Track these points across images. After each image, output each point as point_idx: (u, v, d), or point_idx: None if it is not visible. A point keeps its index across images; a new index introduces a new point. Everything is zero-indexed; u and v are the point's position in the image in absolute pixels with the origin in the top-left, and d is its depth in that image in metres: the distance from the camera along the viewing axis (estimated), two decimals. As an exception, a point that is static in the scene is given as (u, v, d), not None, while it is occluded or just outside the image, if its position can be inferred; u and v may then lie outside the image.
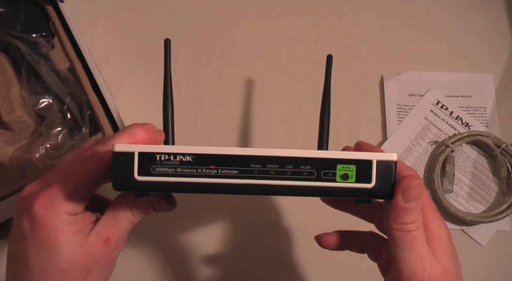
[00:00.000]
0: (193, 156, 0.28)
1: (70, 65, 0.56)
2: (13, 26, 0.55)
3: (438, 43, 0.63)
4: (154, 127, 0.34)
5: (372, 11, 0.64)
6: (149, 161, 0.28)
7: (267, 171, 0.28)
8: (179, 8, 0.64)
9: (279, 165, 0.28)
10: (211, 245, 0.54)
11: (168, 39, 0.39)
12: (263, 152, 0.28)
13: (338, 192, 0.29)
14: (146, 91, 0.60)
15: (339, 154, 0.29)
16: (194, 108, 0.59)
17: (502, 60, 0.62)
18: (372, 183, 0.29)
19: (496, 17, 0.64)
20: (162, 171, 0.28)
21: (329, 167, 0.29)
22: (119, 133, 0.32)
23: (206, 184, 0.28)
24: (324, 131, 0.39)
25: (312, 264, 0.54)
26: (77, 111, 0.53)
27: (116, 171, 0.28)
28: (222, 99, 0.60)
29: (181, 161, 0.28)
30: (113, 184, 0.28)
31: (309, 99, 0.60)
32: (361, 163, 0.29)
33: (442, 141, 0.57)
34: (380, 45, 0.63)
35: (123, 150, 0.28)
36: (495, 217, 0.54)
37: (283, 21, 0.64)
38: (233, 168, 0.28)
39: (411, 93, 0.60)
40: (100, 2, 0.64)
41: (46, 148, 0.52)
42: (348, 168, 0.29)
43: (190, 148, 0.28)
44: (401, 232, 0.30)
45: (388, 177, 0.29)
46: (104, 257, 0.31)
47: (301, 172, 0.28)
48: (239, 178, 0.28)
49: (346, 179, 0.29)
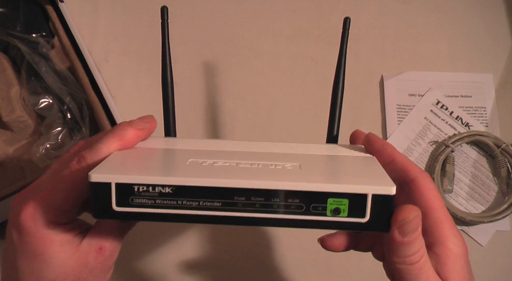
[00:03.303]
0: (172, 188, 0.26)
1: (70, 65, 0.56)
2: (13, 26, 0.55)
3: (438, 43, 0.63)
4: (143, 123, 0.32)
5: (372, 11, 0.64)
6: (126, 192, 0.26)
7: (252, 204, 0.26)
8: (179, 8, 0.64)
9: (265, 198, 0.26)
10: (212, 246, 0.54)
11: (165, 6, 0.37)
12: (247, 184, 0.26)
13: (328, 225, 0.27)
14: (146, 91, 0.60)
15: (330, 187, 0.26)
16: (194, 109, 0.59)
17: (502, 60, 0.62)
18: (366, 218, 0.26)
19: (496, 17, 0.64)
20: (141, 202, 0.26)
21: (319, 200, 0.26)
22: (106, 136, 0.30)
23: (188, 215, 0.26)
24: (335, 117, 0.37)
25: (312, 264, 0.54)
26: (77, 111, 0.53)
27: (94, 201, 0.26)
28: (222, 100, 0.60)
29: (160, 192, 0.26)
30: (93, 214, 0.27)
31: (309, 99, 0.60)
32: (354, 197, 0.26)
33: (442, 141, 0.57)
34: (380, 45, 0.63)
35: (100, 181, 0.26)
36: (495, 217, 0.54)
37: (283, 21, 0.64)
38: (215, 200, 0.26)
39: (411, 93, 0.60)
40: (100, 2, 0.64)
41: (46, 148, 0.52)
42: (340, 202, 0.26)
43: (169, 179, 0.26)
44: (404, 265, 0.29)
45: (384, 212, 0.26)
46: (98, 266, 0.30)
47: (289, 205, 0.26)
48: (222, 210, 0.26)
49: (337, 213, 0.26)
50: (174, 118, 0.38)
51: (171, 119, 0.38)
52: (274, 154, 0.32)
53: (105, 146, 0.30)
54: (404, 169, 0.31)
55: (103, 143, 0.30)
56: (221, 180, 0.26)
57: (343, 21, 0.39)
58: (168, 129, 0.38)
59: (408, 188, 0.31)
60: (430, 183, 0.31)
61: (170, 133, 0.39)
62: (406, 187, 0.31)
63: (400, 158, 0.32)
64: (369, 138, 0.34)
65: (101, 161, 0.29)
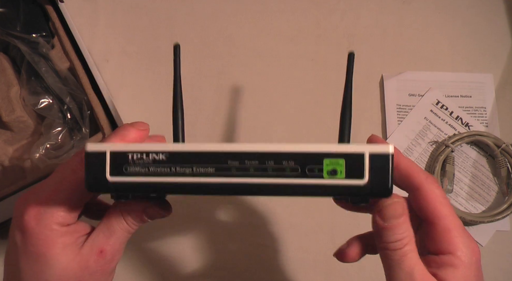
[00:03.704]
0: (166, 154, 0.26)
1: (70, 65, 0.56)
2: (13, 26, 0.55)
3: (438, 43, 0.63)
4: (146, 125, 0.32)
5: (372, 11, 0.64)
6: (121, 160, 0.26)
7: (245, 168, 0.26)
8: (179, 8, 0.64)
9: (259, 160, 0.25)
10: (212, 246, 0.54)
11: (177, 44, 0.37)
12: (240, 148, 0.26)
13: (326, 190, 0.26)
14: (146, 91, 0.60)
15: (326, 146, 0.25)
16: (194, 109, 0.59)
17: (502, 60, 0.62)
18: (365, 179, 0.26)
19: (496, 17, 0.64)
20: (135, 171, 0.26)
21: (315, 161, 0.25)
22: (109, 137, 0.31)
23: (182, 183, 0.26)
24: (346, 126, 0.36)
25: (312, 264, 0.54)
26: (77, 111, 0.53)
27: (89, 171, 0.26)
28: (222, 100, 0.60)
29: (154, 160, 0.26)
30: (85, 185, 0.27)
31: (310, 100, 0.60)
32: (351, 157, 0.25)
33: (442, 141, 0.57)
34: (380, 45, 0.63)
35: (95, 149, 0.26)
36: (495, 217, 0.54)
37: (283, 21, 0.64)
38: (209, 165, 0.26)
39: (411, 93, 0.60)
40: (100, 2, 0.64)
41: (46, 148, 0.52)
42: (336, 162, 0.25)
43: (163, 145, 0.26)
44: (388, 250, 0.29)
45: (384, 172, 0.26)
46: (100, 270, 0.30)
47: (283, 168, 0.26)
48: (216, 176, 0.26)
49: (334, 174, 0.25)
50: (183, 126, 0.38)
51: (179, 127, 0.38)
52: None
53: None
54: (409, 175, 0.30)
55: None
56: (214, 144, 0.26)
57: (348, 56, 0.38)
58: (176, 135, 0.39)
59: (413, 195, 0.30)
60: (437, 189, 0.30)
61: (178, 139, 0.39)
62: (412, 195, 0.31)
63: (404, 163, 0.31)
64: (373, 139, 0.33)
65: None
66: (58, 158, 0.52)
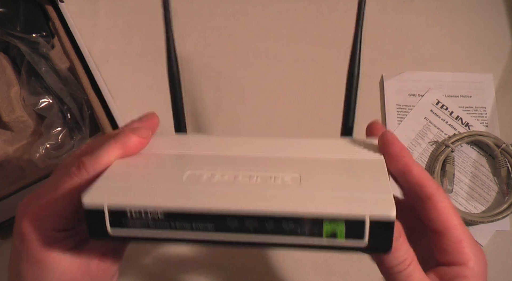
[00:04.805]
0: (164, 214, 0.26)
1: (70, 65, 0.56)
2: (13, 26, 0.55)
3: (438, 43, 0.63)
4: (148, 132, 0.32)
5: (372, 11, 0.64)
6: (120, 215, 0.26)
7: (245, 227, 0.26)
8: (179, 8, 0.64)
9: (258, 222, 0.25)
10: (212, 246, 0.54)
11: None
12: (238, 211, 0.25)
13: (325, 248, 0.26)
14: (146, 91, 0.60)
15: (325, 211, 0.25)
16: (194, 109, 0.59)
17: (502, 60, 0.62)
18: (365, 240, 0.25)
19: (496, 17, 0.64)
20: (134, 225, 0.26)
21: (314, 224, 0.25)
22: (109, 143, 0.30)
23: (181, 238, 0.26)
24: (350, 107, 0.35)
25: (312, 264, 0.54)
26: (77, 111, 0.53)
27: (89, 222, 0.26)
28: (222, 100, 0.60)
29: (153, 217, 0.26)
30: (88, 232, 0.27)
31: (310, 100, 0.60)
32: (351, 221, 0.25)
33: (442, 141, 0.57)
34: (380, 45, 0.63)
35: (93, 204, 0.26)
36: (495, 217, 0.54)
37: (283, 21, 0.64)
38: (207, 223, 0.26)
39: (411, 93, 0.60)
40: (100, 2, 0.64)
41: (46, 148, 0.52)
42: (336, 226, 0.25)
43: (161, 204, 0.26)
44: (392, 274, 0.28)
45: (385, 235, 0.25)
46: (101, 274, 0.30)
47: (283, 229, 0.25)
48: (215, 231, 0.26)
49: (334, 237, 0.25)
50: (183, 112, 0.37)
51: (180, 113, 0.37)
52: (277, 160, 0.31)
53: (106, 154, 0.29)
54: (421, 183, 0.30)
55: (105, 150, 0.29)
56: (212, 206, 0.26)
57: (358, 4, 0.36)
58: (178, 124, 0.38)
59: (423, 204, 0.30)
60: (446, 199, 0.29)
61: (181, 128, 0.38)
62: (421, 203, 0.30)
63: (417, 170, 0.30)
64: (387, 139, 0.31)
65: (101, 169, 0.29)
66: (58, 158, 0.52)
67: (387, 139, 0.31)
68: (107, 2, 0.64)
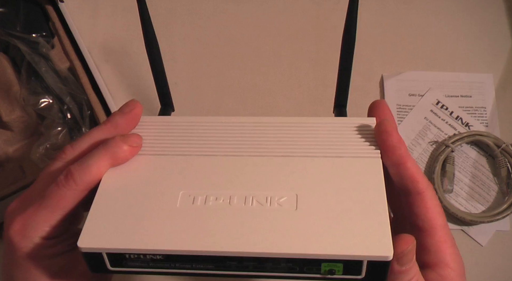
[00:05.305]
0: (162, 256, 0.26)
1: (70, 65, 0.56)
2: (13, 26, 0.55)
3: (438, 43, 0.63)
4: (140, 139, 0.31)
5: (372, 11, 0.64)
6: (119, 257, 0.26)
7: (245, 266, 0.26)
8: (179, 8, 0.64)
9: (257, 262, 0.26)
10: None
11: None
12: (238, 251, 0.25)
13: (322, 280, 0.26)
14: (146, 91, 0.60)
15: (324, 249, 0.25)
16: (194, 109, 0.59)
17: (502, 60, 0.62)
18: (362, 275, 0.26)
19: (496, 17, 0.64)
20: (134, 265, 0.27)
21: (312, 264, 0.25)
22: (98, 153, 0.29)
23: (181, 272, 0.27)
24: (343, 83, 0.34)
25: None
26: (77, 111, 0.53)
27: (88, 261, 0.27)
28: (222, 100, 0.60)
29: (152, 259, 0.26)
30: (88, 267, 0.27)
31: (310, 100, 0.60)
32: (349, 262, 0.25)
33: (442, 141, 0.57)
34: (380, 45, 0.63)
35: (90, 249, 0.26)
36: (495, 217, 0.53)
37: (283, 21, 0.64)
38: (207, 264, 0.26)
39: (411, 93, 0.60)
40: (100, 2, 0.64)
41: (46, 148, 0.52)
42: (334, 265, 0.25)
43: (158, 248, 0.25)
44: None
45: (381, 273, 0.26)
46: (93, 277, 0.30)
47: (282, 267, 0.26)
48: (215, 269, 0.26)
49: (332, 273, 0.26)
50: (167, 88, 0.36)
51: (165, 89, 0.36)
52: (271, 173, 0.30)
53: (96, 165, 0.28)
54: (413, 179, 0.29)
55: (94, 161, 0.28)
56: (211, 249, 0.25)
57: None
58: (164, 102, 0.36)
59: (413, 199, 0.29)
60: (435, 197, 0.29)
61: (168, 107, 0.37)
62: (410, 197, 0.30)
63: (411, 164, 0.29)
64: (384, 128, 0.30)
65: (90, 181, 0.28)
66: (58, 158, 0.52)
67: (384, 129, 0.30)
68: (107, 2, 0.64)
